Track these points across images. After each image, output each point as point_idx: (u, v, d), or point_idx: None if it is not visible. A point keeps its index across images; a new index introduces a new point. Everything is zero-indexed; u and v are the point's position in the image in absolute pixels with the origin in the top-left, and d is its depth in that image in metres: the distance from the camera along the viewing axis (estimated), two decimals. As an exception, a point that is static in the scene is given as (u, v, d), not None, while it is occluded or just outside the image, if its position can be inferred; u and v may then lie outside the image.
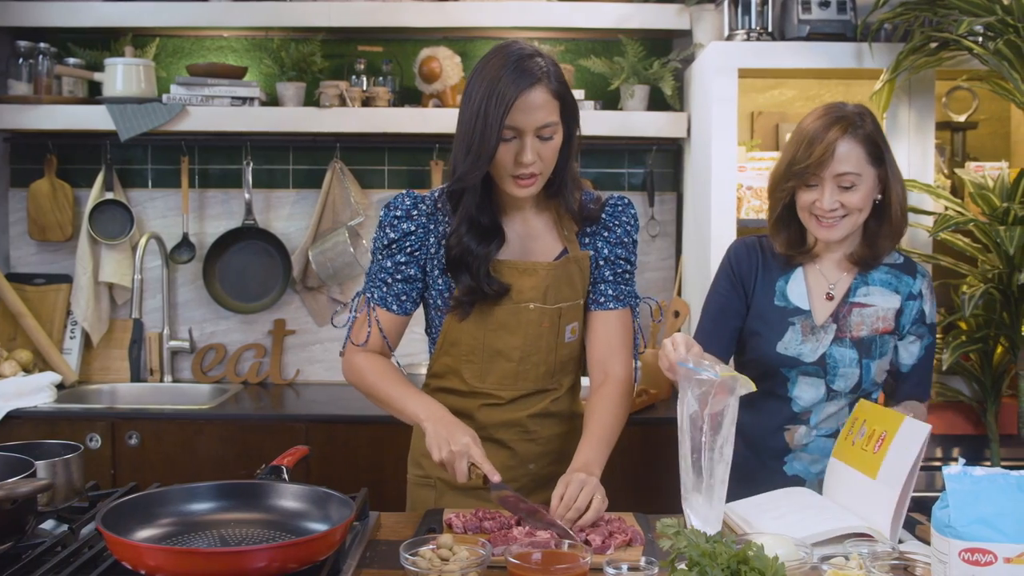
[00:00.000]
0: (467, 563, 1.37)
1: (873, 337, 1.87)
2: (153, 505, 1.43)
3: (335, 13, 3.04)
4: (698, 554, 1.21)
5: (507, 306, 1.75)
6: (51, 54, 3.09)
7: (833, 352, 1.86)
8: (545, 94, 1.64)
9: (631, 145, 3.22)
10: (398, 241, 1.77)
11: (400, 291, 1.79)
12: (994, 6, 2.31)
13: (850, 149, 1.79)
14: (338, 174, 3.19)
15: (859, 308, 1.88)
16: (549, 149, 1.68)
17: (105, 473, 2.75)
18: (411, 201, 1.78)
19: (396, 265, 1.78)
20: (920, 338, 1.90)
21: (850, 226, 1.82)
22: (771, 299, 1.91)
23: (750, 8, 2.77)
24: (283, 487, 1.49)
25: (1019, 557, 1.13)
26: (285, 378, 3.27)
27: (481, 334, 1.77)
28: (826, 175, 1.79)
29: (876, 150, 1.81)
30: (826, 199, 1.80)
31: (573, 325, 1.82)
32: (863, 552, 1.43)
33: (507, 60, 1.64)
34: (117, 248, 3.21)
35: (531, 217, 1.80)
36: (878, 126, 1.84)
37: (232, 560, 1.25)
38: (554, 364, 1.81)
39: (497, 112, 1.61)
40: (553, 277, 1.77)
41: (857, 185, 1.79)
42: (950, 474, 1.21)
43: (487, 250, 1.72)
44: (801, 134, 1.83)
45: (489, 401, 1.81)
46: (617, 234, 1.83)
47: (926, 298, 1.89)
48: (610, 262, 1.83)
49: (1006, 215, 2.25)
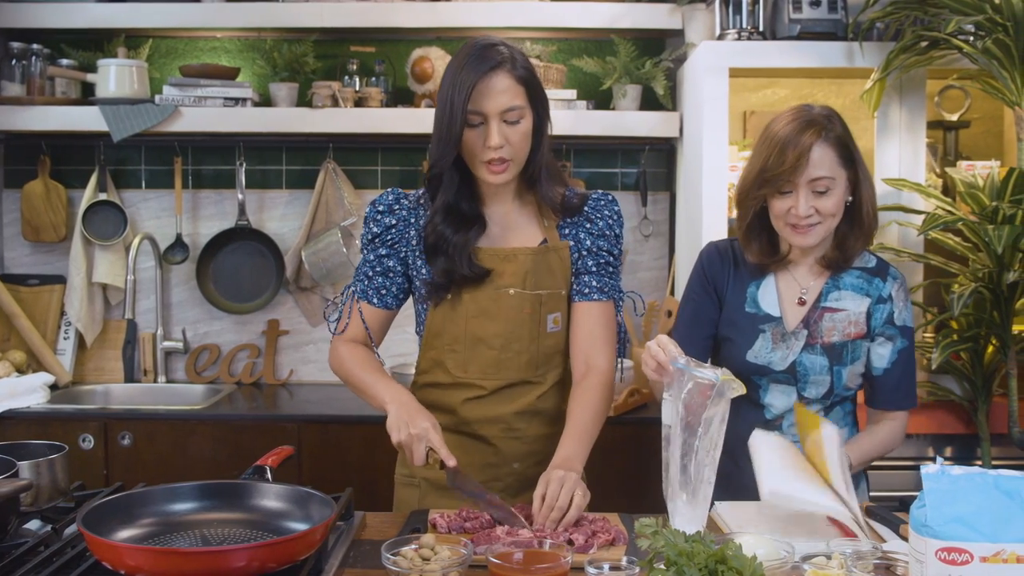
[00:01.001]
0: (448, 563, 1.38)
1: (845, 343, 1.85)
2: (135, 505, 1.44)
3: (327, 13, 3.04)
4: (675, 553, 1.21)
5: (487, 292, 1.78)
6: (44, 55, 3.09)
7: (803, 360, 1.84)
8: (507, 79, 1.69)
9: (624, 145, 3.22)
10: (380, 235, 1.83)
11: (380, 284, 1.84)
12: (984, 5, 2.31)
13: (823, 153, 1.76)
14: (331, 174, 3.20)
15: (830, 313, 1.86)
16: (517, 134, 1.72)
17: (98, 473, 2.76)
18: (394, 197, 1.85)
19: (377, 258, 1.84)
20: (890, 340, 1.86)
21: (824, 232, 1.81)
22: (742, 305, 1.89)
23: (741, 8, 2.76)
24: (265, 487, 1.49)
25: (995, 556, 1.13)
26: (279, 378, 3.28)
27: (463, 322, 1.80)
28: (800, 181, 1.76)
29: (847, 152, 1.79)
30: (801, 206, 1.77)
31: (556, 315, 1.82)
32: (846, 552, 1.43)
33: (471, 50, 1.71)
34: (111, 249, 3.21)
35: (512, 208, 1.84)
36: (846, 127, 1.83)
37: (211, 560, 1.25)
38: (537, 354, 1.82)
39: (460, 98, 1.67)
40: (533, 263, 1.79)
41: (832, 189, 1.77)
42: (928, 473, 1.21)
43: (465, 237, 1.76)
44: (772, 140, 1.80)
45: (472, 394, 1.82)
46: (599, 226, 1.84)
47: (896, 301, 1.86)
48: (593, 253, 1.84)
49: (995, 214, 2.24)
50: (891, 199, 2.59)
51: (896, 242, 2.63)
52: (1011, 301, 2.37)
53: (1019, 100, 2.35)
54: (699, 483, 1.54)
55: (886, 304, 1.85)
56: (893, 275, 1.88)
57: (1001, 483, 1.18)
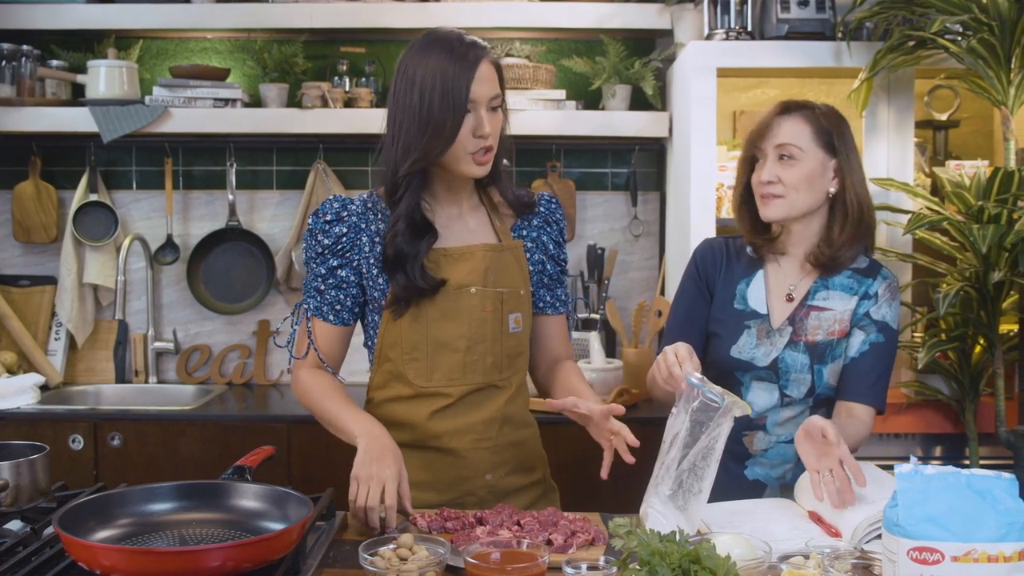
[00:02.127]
0: (425, 563, 1.38)
1: (828, 341, 1.84)
2: (113, 506, 1.44)
3: (317, 14, 3.04)
4: (648, 553, 1.21)
5: (447, 293, 1.73)
6: (34, 56, 3.09)
7: (785, 356, 1.84)
8: (490, 66, 1.69)
9: (614, 145, 3.22)
10: (330, 246, 1.75)
11: (334, 299, 1.77)
12: (970, 4, 2.31)
13: (794, 124, 1.81)
14: (321, 175, 3.20)
15: (817, 312, 1.86)
16: (498, 121, 1.72)
17: (87, 474, 2.76)
18: (339, 204, 1.76)
19: (329, 271, 1.76)
20: (863, 330, 1.84)
21: (788, 207, 1.82)
22: (730, 302, 1.90)
23: (729, 8, 2.77)
24: (243, 487, 1.49)
25: (966, 556, 1.13)
26: (269, 379, 3.28)
27: (423, 328, 1.73)
28: (767, 147, 1.82)
29: (826, 136, 1.81)
30: (766, 170, 1.81)
31: (517, 315, 1.79)
32: (825, 551, 1.42)
33: (448, 41, 1.67)
34: (101, 250, 3.21)
35: (465, 210, 1.80)
36: (839, 121, 1.84)
37: (186, 560, 1.25)
38: (501, 355, 1.78)
39: (459, 86, 1.63)
40: (490, 260, 1.76)
41: (797, 159, 1.80)
42: (901, 473, 1.21)
43: (417, 249, 1.71)
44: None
45: (438, 404, 1.75)
46: (555, 232, 1.87)
47: (881, 299, 1.85)
48: (555, 260, 1.87)
49: (981, 213, 2.24)
50: (879, 199, 2.59)
51: (884, 242, 2.63)
52: (997, 300, 2.37)
53: (1005, 100, 2.35)
54: (693, 496, 1.54)
55: (870, 300, 1.85)
56: (884, 275, 1.88)
57: (974, 483, 1.18)
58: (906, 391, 2.58)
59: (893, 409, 2.58)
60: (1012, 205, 2.26)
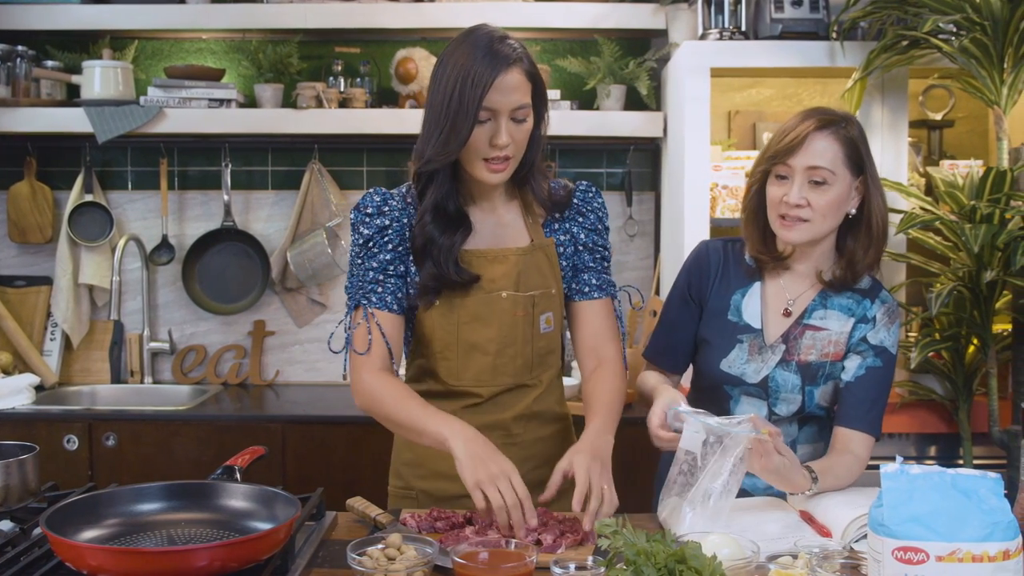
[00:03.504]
0: (413, 563, 1.38)
1: (821, 363, 1.79)
2: (102, 506, 1.44)
3: (311, 15, 3.04)
4: (634, 553, 1.21)
5: (479, 296, 1.72)
6: (29, 57, 3.09)
7: (776, 376, 1.79)
8: (520, 76, 1.64)
9: (609, 145, 3.23)
10: (374, 237, 1.72)
11: (395, 287, 1.73)
12: (963, 4, 2.31)
13: (827, 145, 1.71)
14: (316, 175, 3.20)
15: (812, 331, 1.79)
16: (522, 132, 1.67)
17: (82, 474, 2.76)
18: (380, 198, 1.74)
19: (383, 264, 1.72)
20: (860, 355, 1.77)
21: (812, 233, 1.73)
22: (724, 311, 1.83)
23: (723, 7, 2.77)
24: (232, 487, 1.49)
25: (951, 555, 1.13)
26: (265, 379, 3.28)
27: (454, 328, 1.73)
28: (797, 165, 1.71)
29: (856, 155, 1.72)
30: (794, 192, 1.70)
31: (548, 315, 1.78)
32: (814, 551, 1.42)
33: (479, 42, 1.63)
34: (97, 250, 3.22)
35: (499, 207, 1.78)
36: (864, 136, 1.76)
37: (173, 560, 1.25)
38: (531, 356, 1.78)
39: (474, 93, 1.59)
40: (524, 264, 1.75)
41: (829, 184, 1.70)
42: (887, 472, 1.20)
43: (451, 240, 1.69)
44: (781, 126, 1.77)
45: (468, 402, 1.76)
46: (591, 220, 1.83)
47: (879, 323, 1.78)
48: (588, 248, 1.82)
49: (973, 213, 2.24)
50: (872, 198, 2.59)
51: (878, 242, 2.63)
52: (990, 300, 2.37)
53: (998, 99, 2.35)
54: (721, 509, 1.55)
55: (868, 324, 1.78)
56: (883, 299, 1.80)
57: (959, 482, 1.18)
58: (900, 391, 2.58)
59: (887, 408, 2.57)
60: (1005, 205, 2.26)
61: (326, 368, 3.28)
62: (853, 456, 1.73)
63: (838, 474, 1.69)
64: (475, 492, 1.52)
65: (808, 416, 1.83)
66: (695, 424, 1.58)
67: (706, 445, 1.56)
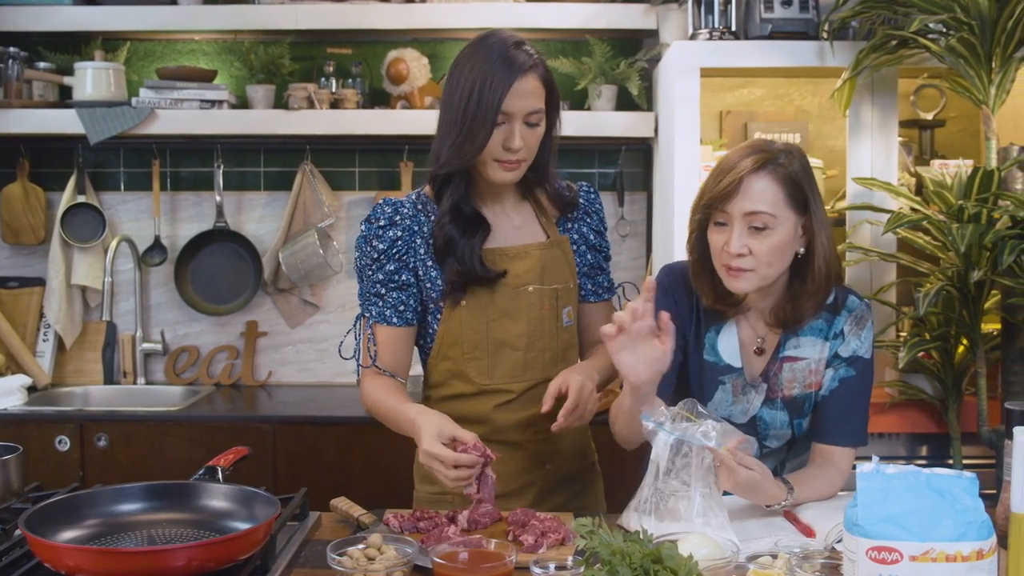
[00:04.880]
0: (392, 563, 1.38)
1: (806, 395, 1.72)
2: (82, 506, 1.44)
3: (302, 15, 3.04)
4: (610, 553, 1.21)
5: (506, 292, 1.76)
6: (21, 58, 3.10)
7: (763, 415, 1.73)
8: (536, 81, 1.68)
9: (601, 145, 3.23)
10: (387, 251, 1.75)
11: (396, 301, 1.76)
12: (952, 4, 2.31)
13: (765, 186, 1.57)
14: (308, 176, 3.20)
15: (790, 363, 1.71)
16: (535, 136, 1.71)
17: (74, 475, 2.76)
18: (391, 209, 1.77)
19: (387, 276, 1.76)
20: (834, 368, 1.71)
21: (759, 280, 1.61)
22: (700, 350, 1.74)
23: (713, 7, 2.76)
24: (212, 487, 1.49)
25: (924, 555, 1.13)
26: (257, 380, 3.28)
27: (483, 327, 1.76)
28: (734, 211, 1.58)
29: (799, 193, 1.60)
30: (734, 241, 1.58)
31: (568, 309, 1.83)
32: (795, 551, 1.42)
33: (496, 48, 1.67)
34: (89, 251, 3.22)
35: (511, 209, 1.82)
36: (807, 168, 1.64)
37: (150, 559, 1.26)
38: (557, 350, 1.82)
39: (492, 97, 1.63)
40: (546, 258, 1.79)
41: (771, 228, 1.57)
42: (862, 472, 1.20)
43: (472, 241, 1.73)
44: (718, 164, 1.64)
45: (501, 399, 1.78)
46: (595, 221, 1.89)
47: (848, 335, 1.70)
48: (594, 250, 1.88)
49: (961, 213, 2.24)
50: (862, 198, 2.59)
51: (868, 241, 2.63)
52: (979, 300, 2.36)
53: (986, 99, 2.35)
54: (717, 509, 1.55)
55: (838, 340, 1.71)
56: (849, 307, 1.71)
57: (934, 482, 1.18)
58: (889, 390, 2.58)
59: (877, 409, 2.57)
60: (992, 204, 2.26)
61: (318, 369, 3.28)
62: (834, 468, 1.70)
63: (817, 486, 1.67)
64: (433, 466, 1.59)
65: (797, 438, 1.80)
66: (661, 434, 1.56)
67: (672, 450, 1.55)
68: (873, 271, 2.66)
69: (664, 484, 1.54)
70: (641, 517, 1.55)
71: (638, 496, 1.60)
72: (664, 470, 1.54)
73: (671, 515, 1.53)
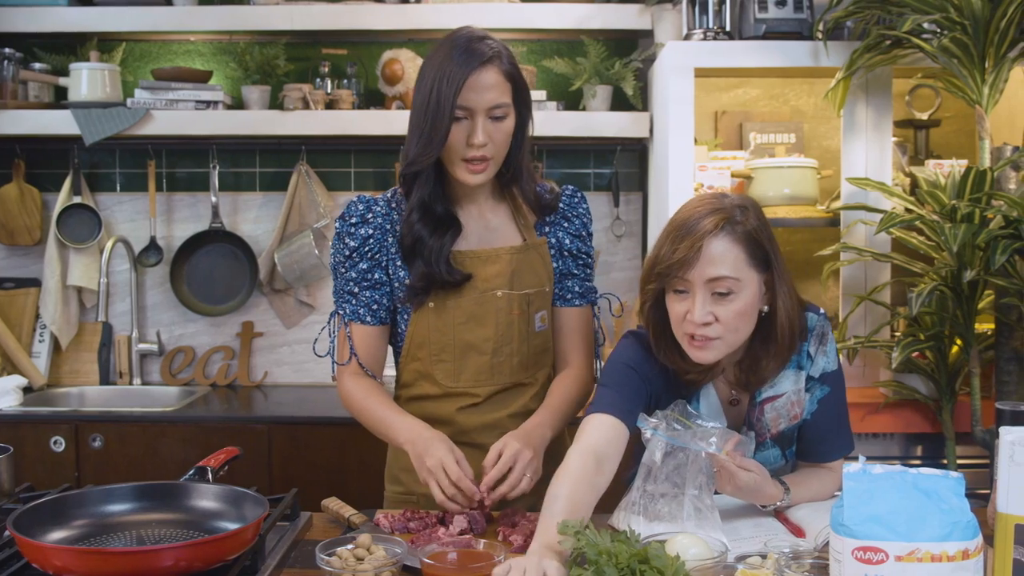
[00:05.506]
0: (381, 563, 1.38)
1: (792, 427, 1.67)
2: (71, 507, 1.44)
3: (298, 16, 3.05)
4: (595, 553, 1.21)
5: (474, 296, 1.73)
6: (16, 59, 3.10)
7: (758, 458, 1.65)
8: (496, 74, 1.64)
9: (596, 145, 3.22)
10: (358, 248, 1.74)
11: (370, 299, 1.75)
12: (945, 3, 2.31)
13: (726, 248, 1.48)
14: (303, 177, 3.21)
15: (771, 403, 1.64)
16: (501, 132, 1.67)
17: (69, 476, 2.77)
18: (364, 206, 1.76)
19: (360, 274, 1.74)
20: (811, 392, 1.65)
21: (726, 347, 1.53)
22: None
23: (707, 8, 2.77)
24: (203, 488, 1.49)
25: (910, 555, 1.13)
26: (253, 380, 3.28)
27: (450, 330, 1.74)
28: (695, 279, 1.48)
29: (759, 251, 1.51)
30: (697, 311, 1.48)
31: (542, 314, 1.80)
32: (784, 551, 1.42)
33: (457, 43, 1.65)
34: (85, 252, 3.22)
35: (487, 210, 1.79)
36: (764, 222, 1.54)
37: (137, 560, 1.26)
38: (527, 355, 1.79)
39: (448, 91, 1.61)
40: (517, 262, 1.76)
41: (735, 293, 1.49)
42: (849, 472, 1.20)
43: (441, 241, 1.70)
44: (671, 224, 1.53)
45: (466, 402, 1.77)
46: (576, 226, 1.84)
47: (815, 355, 1.63)
48: (573, 255, 1.83)
49: (954, 213, 2.24)
50: (856, 198, 2.59)
51: (862, 242, 2.63)
52: (972, 300, 2.36)
53: (980, 98, 2.35)
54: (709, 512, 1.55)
55: (808, 363, 1.65)
56: (810, 326, 1.62)
57: (920, 482, 1.18)
58: (884, 390, 2.58)
59: (871, 409, 2.58)
60: (985, 204, 2.26)
61: (314, 369, 3.28)
62: (828, 471, 1.70)
63: (812, 486, 1.66)
64: (431, 486, 1.60)
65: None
66: (660, 442, 1.55)
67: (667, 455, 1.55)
68: (867, 271, 2.66)
69: (655, 486, 1.54)
70: (630, 517, 1.55)
71: (628, 497, 1.60)
72: (656, 472, 1.54)
73: (661, 516, 1.53)
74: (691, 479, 1.55)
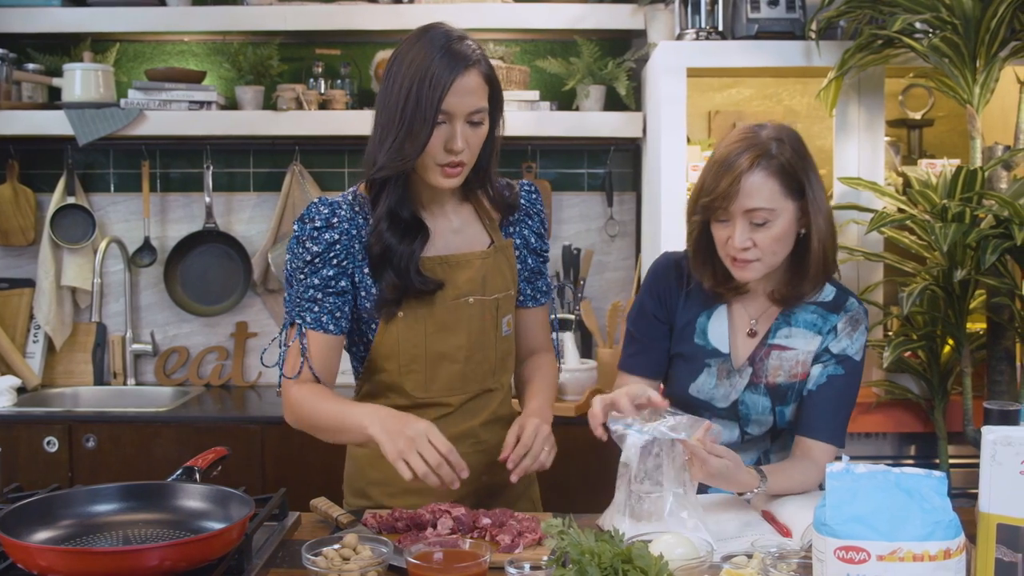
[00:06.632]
0: (367, 563, 1.38)
1: (791, 384, 1.75)
2: (57, 507, 1.44)
3: (291, 16, 3.05)
4: (579, 553, 1.21)
5: (446, 304, 1.68)
6: (10, 60, 3.10)
7: (746, 399, 1.75)
8: (478, 78, 1.59)
9: (589, 145, 3.23)
10: (322, 254, 1.63)
11: (333, 307, 1.65)
12: (936, 3, 2.31)
13: (761, 182, 1.62)
14: (297, 177, 3.21)
15: (778, 351, 1.75)
16: (477, 137, 1.62)
17: (62, 476, 2.77)
18: (328, 209, 1.64)
19: (324, 281, 1.64)
20: (823, 364, 1.73)
21: (765, 268, 1.68)
22: (691, 335, 1.78)
23: (700, 8, 2.77)
24: (188, 487, 1.49)
25: (892, 555, 1.13)
26: (247, 380, 3.28)
27: (421, 340, 1.68)
28: (735, 210, 1.63)
29: (793, 182, 1.64)
30: (737, 237, 1.64)
31: (508, 318, 1.78)
32: (771, 551, 1.42)
33: (435, 41, 1.58)
34: (79, 252, 3.23)
35: (451, 212, 1.73)
36: (799, 151, 1.67)
37: (122, 560, 1.26)
38: (495, 361, 1.76)
39: (432, 95, 1.54)
40: (488, 267, 1.72)
41: (771, 221, 1.63)
42: (832, 472, 1.20)
43: (411, 248, 1.64)
44: (712, 160, 1.68)
45: (437, 413, 1.72)
46: (536, 223, 1.82)
47: (840, 332, 1.73)
48: (535, 253, 1.82)
49: (944, 212, 2.24)
50: (848, 198, 2.59)
51: (854, 241, 2.63)
52: (963, 299, 2.36)
53: (971, 98, 2.35)
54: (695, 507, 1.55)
55: (830, 335, 1.74)
56: (847, 308, 1.75)
57: (903, 481, 1.17)
58: (876, 390, 2.58)
59: (863, 408, 2.57)
60: (976, 204, 2.26)
61: (308, 369, 3.28)
62: (812, 462, 1.71)
63: (791, 475, 1.68)
64: (398, 464, 1.51)
65: (780, 431, 1.81)
66: (630, 436, 1.56)
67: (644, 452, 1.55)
68: (860, 271, 2.66)
69: (637, 486, 1.54)
70: (616, 517, 1.55)
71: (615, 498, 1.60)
72: (636, 472, 1.54)
73: (646, 516, 1.53)
74: (675, 477, 1.55)
